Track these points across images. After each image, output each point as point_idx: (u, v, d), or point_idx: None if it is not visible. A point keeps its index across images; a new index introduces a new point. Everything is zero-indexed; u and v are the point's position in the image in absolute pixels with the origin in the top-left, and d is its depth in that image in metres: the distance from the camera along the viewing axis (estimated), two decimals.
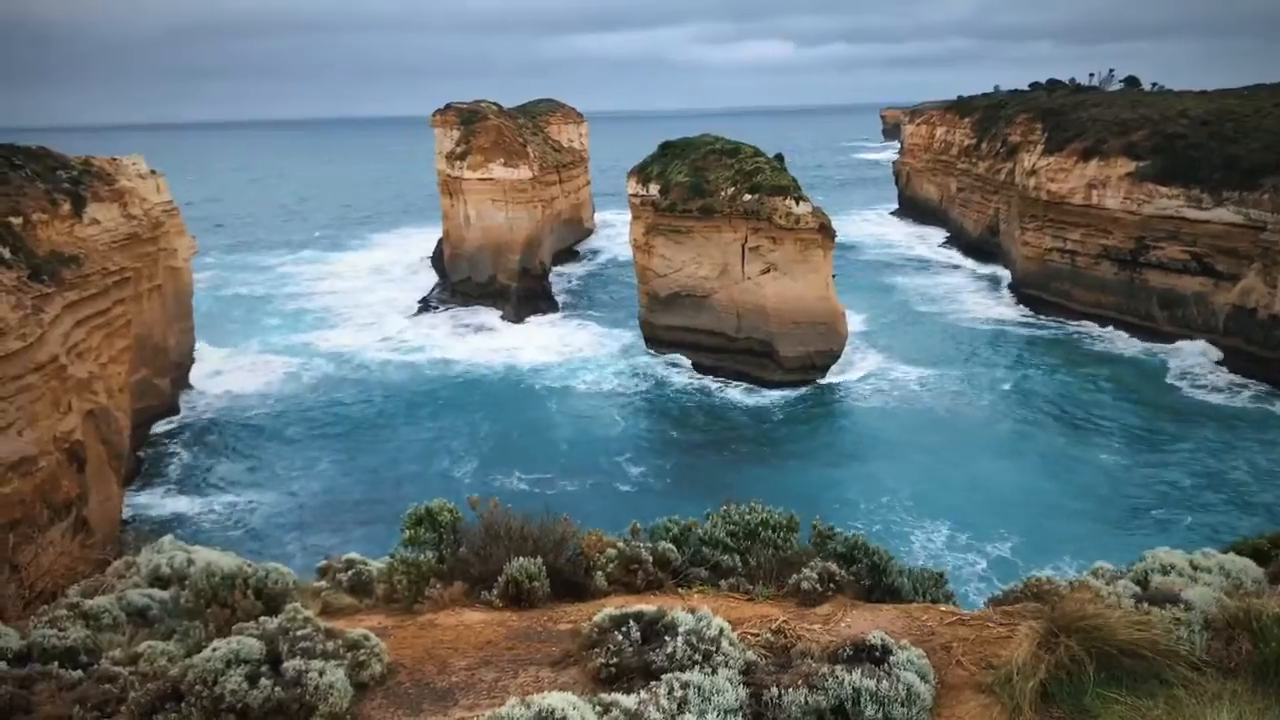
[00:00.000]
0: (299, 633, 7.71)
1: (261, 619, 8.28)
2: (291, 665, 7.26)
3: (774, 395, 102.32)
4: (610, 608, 8.17)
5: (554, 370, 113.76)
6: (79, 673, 8.03)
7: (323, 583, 11.75)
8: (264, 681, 7.09)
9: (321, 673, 7.18)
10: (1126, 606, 7.42)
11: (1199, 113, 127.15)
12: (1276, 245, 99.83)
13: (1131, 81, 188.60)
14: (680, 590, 10.47)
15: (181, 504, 79.03)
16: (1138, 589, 8.46)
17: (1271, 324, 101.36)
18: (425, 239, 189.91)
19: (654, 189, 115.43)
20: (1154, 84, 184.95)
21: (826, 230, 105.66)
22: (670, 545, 11.29)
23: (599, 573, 10.48)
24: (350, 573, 11.77)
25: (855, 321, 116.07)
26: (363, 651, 7.77)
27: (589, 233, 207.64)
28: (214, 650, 7.33)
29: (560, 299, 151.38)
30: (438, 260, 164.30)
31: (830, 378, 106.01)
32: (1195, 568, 9.35)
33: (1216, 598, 7.56)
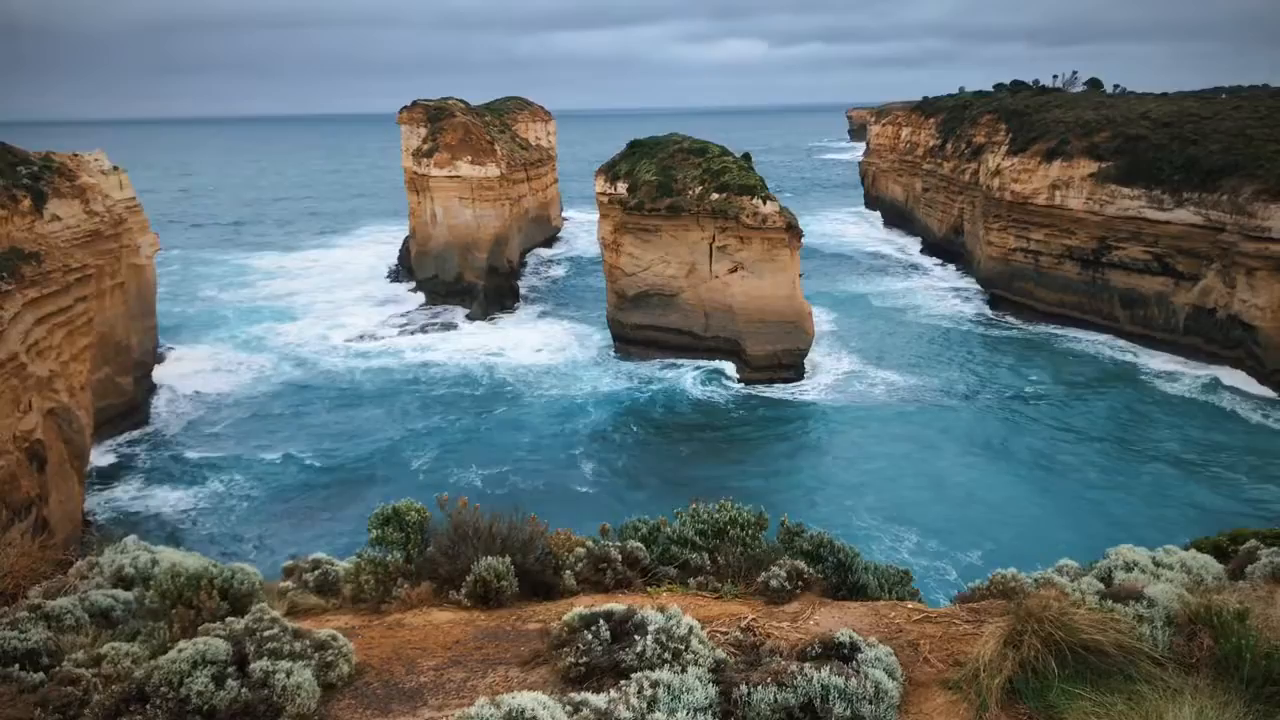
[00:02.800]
0: (266, 633, 7.64)
1: (228, 619, 8.20)
2: (258, 666, 7.20)
3: (740, 393, 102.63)
4: (580, 607, 8.17)
5: (520, 369, 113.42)
6: (40, 675, 7.92)
7: (289, 583, 11.64)
8: (230, 683, 7.03)
9: (289, 673, 7.13)
10: (1091, 603, 7.50)
11: (1160, 115, 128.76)
12: (1235, 246, 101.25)
13: (1094, 83, 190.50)
14: (649, 589, 10.47)
15: (145, 503, 78.22)
16: (1102, 586, 8.55)
17: (1230, 323, 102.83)
18: (394, 236, 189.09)
19: (622, 187, 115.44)
20: (1116, 86, 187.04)
21: (793, 230, 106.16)
22: (639, 544, 11.29)
23: (568, 572, 10.47)
24: (317, 573, 11.67)
25: (822, 320, 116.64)
26: (330, 652, 7.72)
27: (557, 231, 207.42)
28: (179, 651, 7.25)
29: (528, 297, 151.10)
30: (404, 258, 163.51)
31: (797, 376, 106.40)
32: (1158, 565, 9.48)
33: (1178, 594, 7.65)
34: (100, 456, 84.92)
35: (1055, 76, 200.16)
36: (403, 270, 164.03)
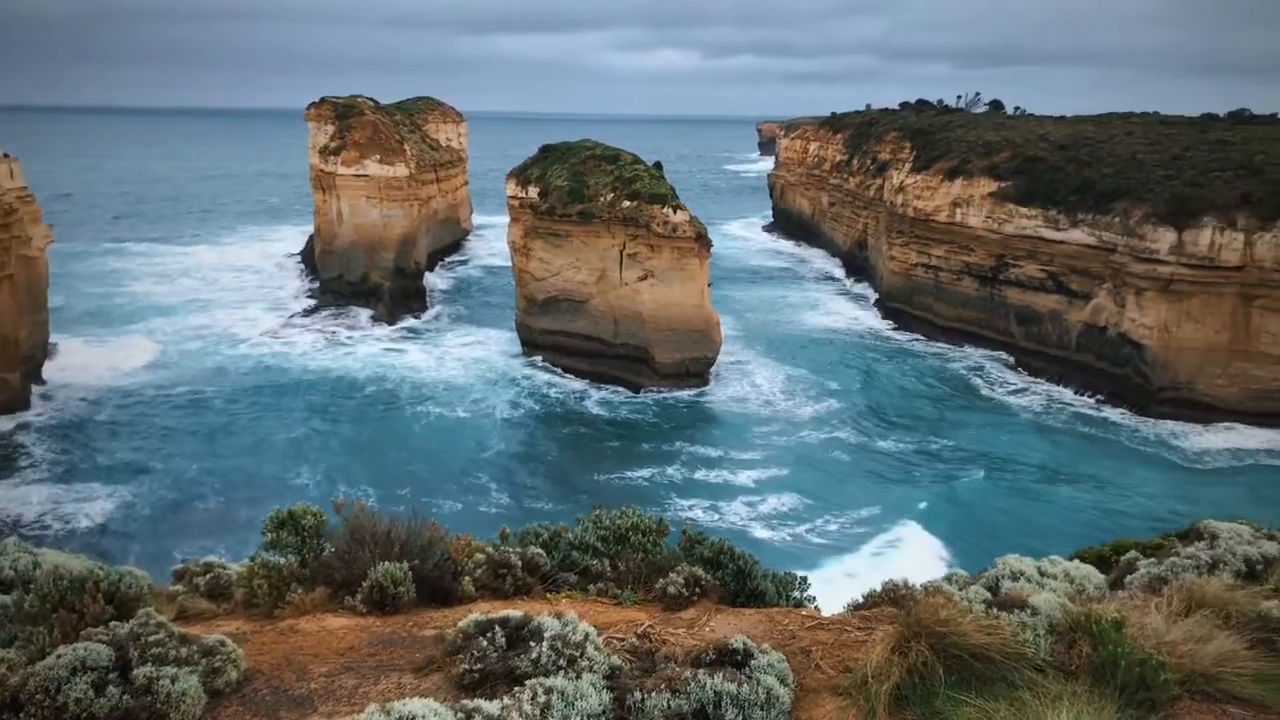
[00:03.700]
0: (151, 638, 7.44)
1: (112, 624, 7.97)
2: (142, 672, 7.01)
3: (646, 400, 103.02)
4: (476, 613, 8.12)
5: (424, 373, 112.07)
6: None
7: (179, 587, 11.36)
8: (111, 690, 6.82)
9: (173, 679, 6.95)
10: (978, 611, 7.66)
11: (1058, 137, 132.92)
12: (1125, 267, 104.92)
13: (996, 105, 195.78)
14: (549, 595, 10.47)
15: (28, 504, 75.30)
16: (989, 594, 8.76)
17: (1119, 341, 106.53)
18: (299, 234, 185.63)
19: (533, 191, 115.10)
20: (1017, 108, 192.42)
21: (703, 239, 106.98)
22: (540, 550, 11.28)
23: (467, 578, 10.41)
24: (208, 576, 11.41)
25: (729, 329, 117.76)
26: (218, 657, 7.55)
27: (466, 233, 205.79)
28: (58, 657, 7.02)
29: (435, 299, 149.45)
30: (309, 257, 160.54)
31: (703, 384, 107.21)
32: (1043, 574, 9.76)
33: (1061, 603, 7.87)
34: None
35: (959, 97, 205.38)
36: (306, 269, 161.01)
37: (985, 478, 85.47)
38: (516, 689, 6.71)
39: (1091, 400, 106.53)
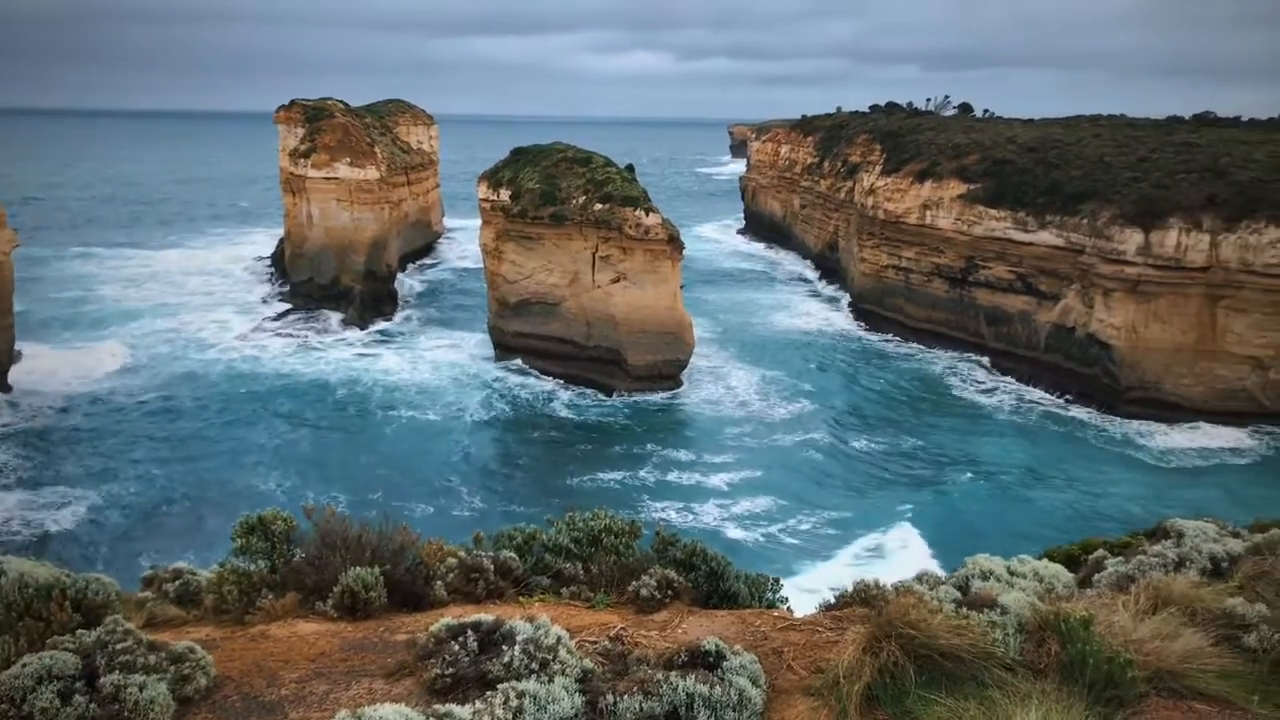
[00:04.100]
0: (118, 646, 7.37)
1: (79, 632, 7.89)
2: (109, 680, 6.94)
3: (619, 403, 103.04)
4: (448, 617, 8.10)
5: (396, 376, 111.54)
6: None
7: (148, 593, 11.27)
8: (78, 698, 6.76)
9: (141, 687, 6.89)
10: (948, 611, 7.70)
11: (1026, 140, 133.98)
12: (1093, 268, 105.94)
13: (965, 108, 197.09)
14: (521, 599, 10.44)
15: None
16: (959, 594, 8.81)
17: (1088, 342, 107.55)
18: (269, 237, 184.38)
19: (505, 194, 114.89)
20: (986, 111, 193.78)
21: (675, 242, 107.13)
22: (512, 554, 11.26)
23: (439, 582, 10.37)
24: (178, 583, 11.32)
25: (701, 331, 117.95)
26: (187, 665, 7.49)
27: (438, 236, 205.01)
28: (23, 666, 6.95)
29: (407, 302, 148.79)
30: (279, 260, 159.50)
31: (676, 386, 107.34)
32: (1012, 573, 9.83)
33: (1030, 602, 7.93)
34: None
35: (928, 100, 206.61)
36: (276, 272, 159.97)
37: (958, 477, 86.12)
38: (488, 693, 6.70)
39: (1060, 400, 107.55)
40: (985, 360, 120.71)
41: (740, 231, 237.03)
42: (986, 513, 78.11)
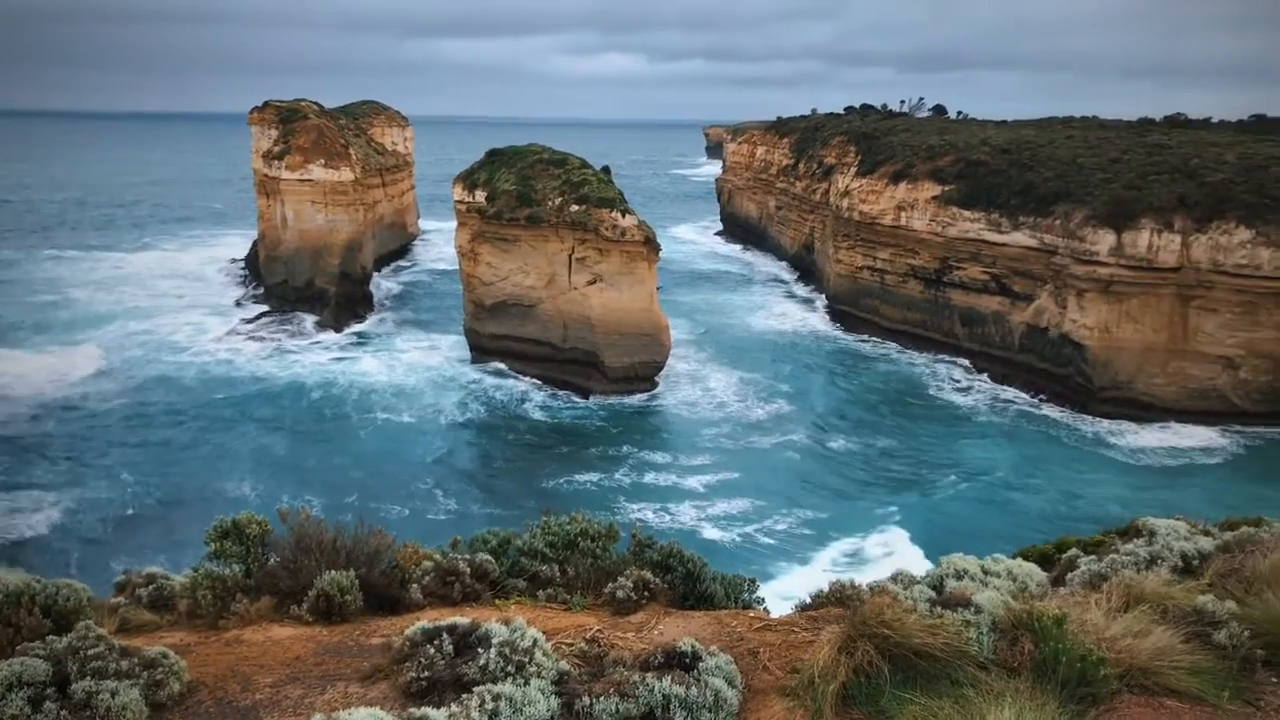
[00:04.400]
0: (90, 652, 7.31)
1: (49, 638, 7.82)
2: (80, 687, 6.88)
3: (596, 405, 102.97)
4: (424, 621, 8.08)
5: (371, 379, 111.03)
6: None
7: (121, 599, 11.17)
8: (49, 705, 6.70)
9: (114, 693, 6.84)
10: (922, 610, 7.73)
11: (1000, 141, 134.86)
12: (1066, 268, 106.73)
13: (939, 109, 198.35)
14: (498, 602, 10.43)
15: None
16: (933, 593, 8.84)
17: (1061, 342, 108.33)
18: (243, 239, 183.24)
19: (480, 196, 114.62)
20: (960, 112, 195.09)
21: (651, 243, 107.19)
22: (488, 557, 11.23)
23: (414, 585, 10.34)
24: (151, 588, 11.22)
25: (678, 333, 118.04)
26: (160, 670, 7.43)
27: (414, 238, 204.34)
28: None
29: (382, 305, 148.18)
30: (253, 262, 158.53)
31: (653, 388, 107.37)
32: (986, 572, 9.87)
33: (1004, 601, 7.96)
34: None
35: (903, 102, 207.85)
36: (251, 275, 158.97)
37: (937, 479, 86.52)
38: (464, 696, 6.69)
39: (1034, 399, 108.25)
40: (961, 361, 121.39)
41: (717, 233, 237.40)
42: (965, 514, 78.54)
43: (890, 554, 68.90)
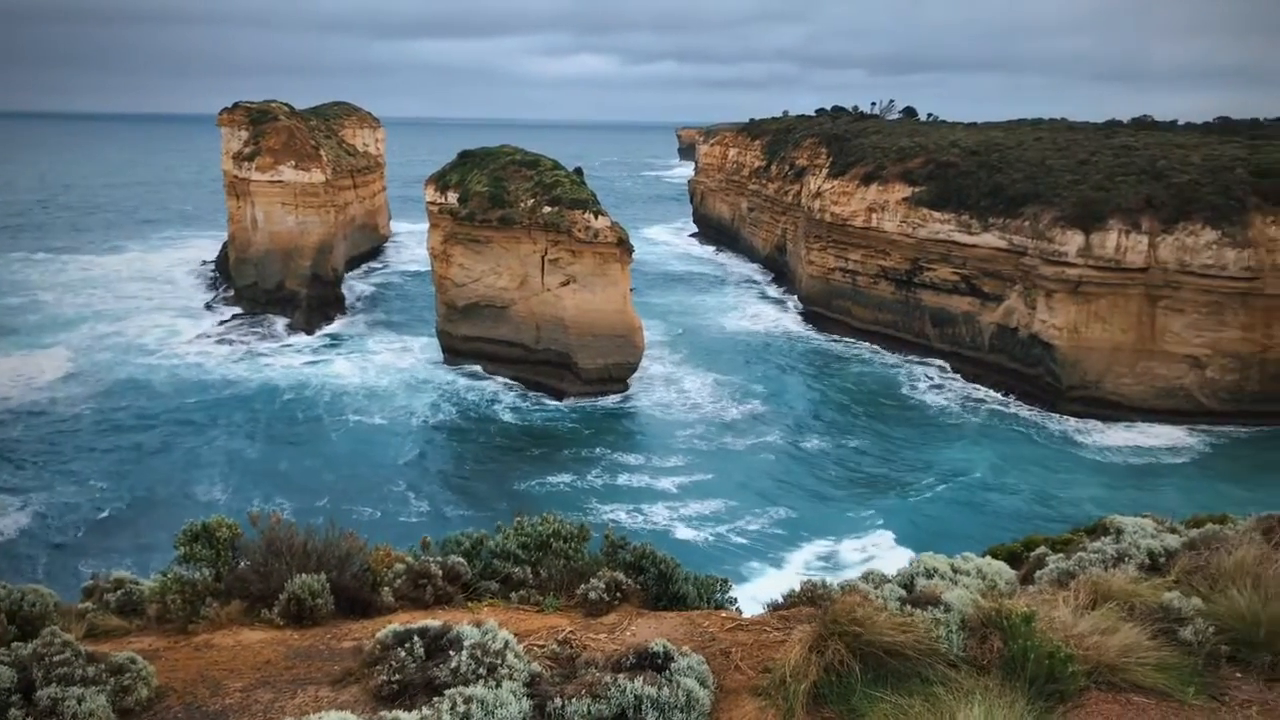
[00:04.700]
0: (56, 658, 7.23)
1: (14, 644, 7.74)
2: (46, 693, 6.81)
3: (569, 406, 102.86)
4: (395, 623, 8.05)
5: (341, 381, 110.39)
6: None
7: (89, 604, 11.05)
8: (14, 712, 6.63)
9: (80, 700, 6.77)
10: (893, 609, 7.77)
11: (969, 143, 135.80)
12: (1035, 269, 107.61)
13: (909, 111, 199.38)
14: (470, 604, 10.39)
15: None
16: (904, 592, 8.89)
17: (1030, 342, 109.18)
18: (213, 242, 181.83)
19: (452, 197, 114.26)
20: (930, 114, 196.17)
21: (624, 245, 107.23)
22: (460, 559, 11.20)
23: (386, 588, 10.29)
24: (119, 593, 11.11)
25: (651, 334, 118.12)
26: (128, 676, 7.36)
27: (385, 239, 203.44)
28: None
29: (354, 307, 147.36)
30: (223, 264, 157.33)
31: (626, 389, 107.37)
32: (956, 571, 9.94)
33: (973, 599, 8.01)
34: None
35: (873, 103, 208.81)
36: (221, 277, 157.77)
37: (915, 480, 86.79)
38: (435, 699, 6.67)
39: (1005, 398, 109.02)
40: (932, 361, 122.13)
41: (690, 235, 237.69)
42: (945, 514, 78.91)
43: (871, 558, 69.08)
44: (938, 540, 65.92)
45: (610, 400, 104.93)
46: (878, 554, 67.65)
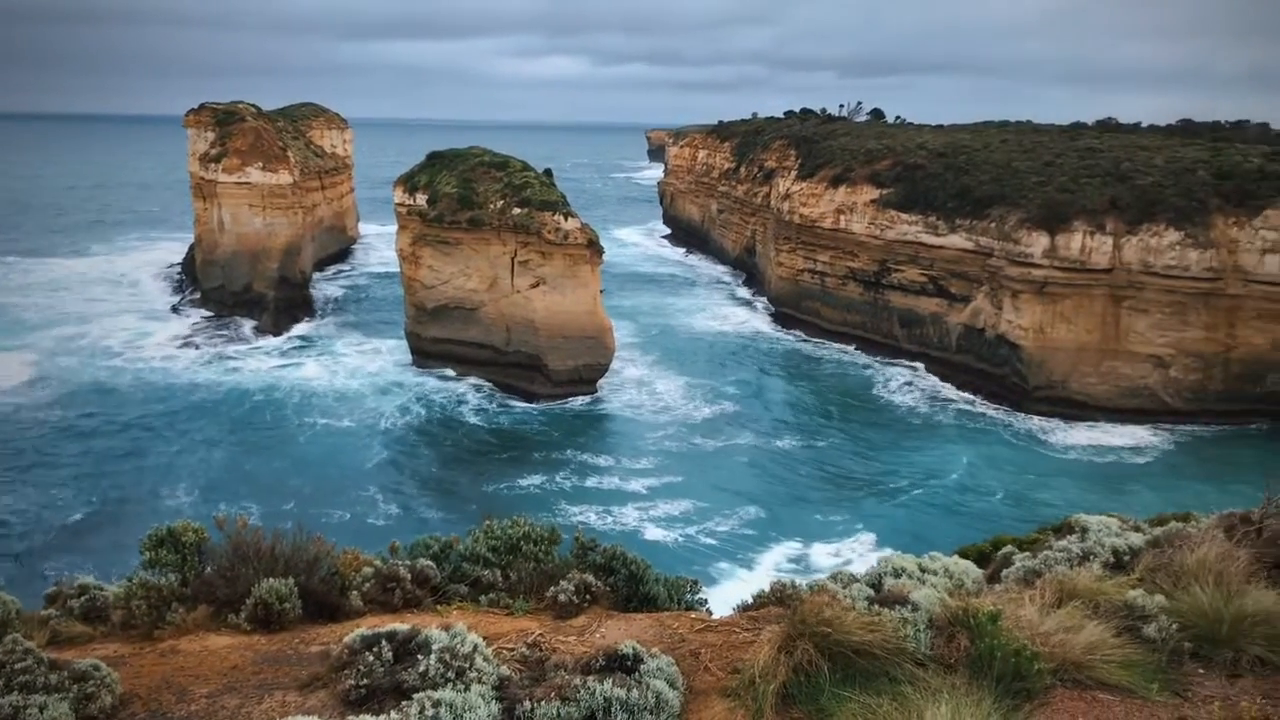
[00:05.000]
0: (17, 665, 7.14)
1: None
2: (7, 701, 6.73)
3: (539, 408, 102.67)
4: (363, 628, 8.00)
5: (308, 384, 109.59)
6: None
7: (52, 610, 10.91)
8: None
9: (42, 708, 6.69)
10: (861, 608, 7.79)
11: (936, 145, 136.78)
12: (1001, 270, 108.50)
13: (877, 113, 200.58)
14: (439, 608, 10.35)
15: None
16: (872, 592, 8.92)
17: (997, 343, 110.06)
18: (179, 244, 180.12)
19: (421, 199, 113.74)
20: (898, 117, 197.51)
21: (594, 246, 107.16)
22: (430, 562, 11.15)
23: (354, 592, 10.23)
24: (83, 599, 10.98)
25: (622, 335, 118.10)
26: (91, 683, 7.28)
27: (354, 241, 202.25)
28: None
29: (322, 309, 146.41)
30: (189, 267, 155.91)
31: (596, 391, 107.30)
32: (923, 570, 9.99)
33: (940, 598, 8.06)
34: None
35: (842, 106, 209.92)
36: (188, 279, 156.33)
37: (883, 480, 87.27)
38: (404, 703, 6.64)
39: (972, 398, 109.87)
40: (901, 361, 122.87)
41: (661, 236, 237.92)
42: (918, 515, 79.33)
43: (848, 561, 69.24)
44: (915, 542, 66.37)
45: (580, 402, 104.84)
46: (854, 557, 67.87)
